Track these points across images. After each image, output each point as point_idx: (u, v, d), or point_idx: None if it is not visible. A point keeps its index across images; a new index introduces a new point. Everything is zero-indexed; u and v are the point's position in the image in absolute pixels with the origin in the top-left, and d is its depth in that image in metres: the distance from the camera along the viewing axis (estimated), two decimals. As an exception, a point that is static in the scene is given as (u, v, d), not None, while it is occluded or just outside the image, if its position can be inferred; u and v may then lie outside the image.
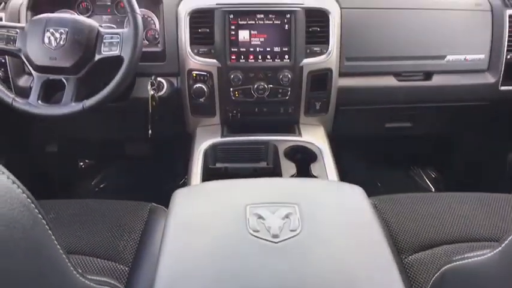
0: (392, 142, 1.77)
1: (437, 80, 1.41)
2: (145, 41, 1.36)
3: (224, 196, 0.82)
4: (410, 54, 1.38)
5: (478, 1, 1.40)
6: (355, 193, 0.83)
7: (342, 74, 1.35)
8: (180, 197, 0.83)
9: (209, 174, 1.21)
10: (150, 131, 1.34)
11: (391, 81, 1.40)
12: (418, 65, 1.40)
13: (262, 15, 1.25)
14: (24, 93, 1.30)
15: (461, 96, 1.45)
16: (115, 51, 1.09)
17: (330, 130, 1.42)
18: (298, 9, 1.25)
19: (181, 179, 1.91)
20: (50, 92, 1.13)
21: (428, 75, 1.41)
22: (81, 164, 1.99)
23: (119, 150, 1.95)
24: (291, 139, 1.29)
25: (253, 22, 1.25)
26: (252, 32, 1.26)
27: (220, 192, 0.84)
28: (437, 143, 1.83)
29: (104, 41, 1.11)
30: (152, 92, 1.30)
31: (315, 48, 1.28)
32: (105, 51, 1.10)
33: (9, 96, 1.08)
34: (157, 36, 1.36)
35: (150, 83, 1.31)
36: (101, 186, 1.94)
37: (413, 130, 1.56)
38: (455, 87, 1.42)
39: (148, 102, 1.30)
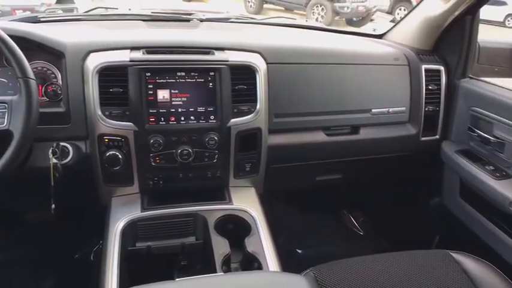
0: (322, 190, 1.74)
1: (364, 133, 1.40)
2: (45, 98, 1.15)
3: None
4: (338, 108, 1.37)
5: (397, 56, 1.44)
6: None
7: (271, 131, 1.28)
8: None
9: (129, 258, 1.04)
10: (53, 205, 1.12)
11: (320, 136, 1.36)
12: (346, 119, 1.39)
13: (183, 73, 1.13)
14: None
15: (387, 148, 1.46)
16: (1, 125, 0.89)
17: (261, 190, 1.32)
18: (223, 66, 1.15)
19: (95, 245, 1.68)
20: None
21: (355, 129, 1.41)
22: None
23: (16, 216, 1.66)
24: (221, 208, 1.16)
25: (174, 80, 1.12)
26: (173, 91, 1.12)
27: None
28: (365, 190, 1.84)
29: None
30: (55, 161, 1.10)
31: (243, 107, 1.19)
32: None
33: None
34: (59, 92, 1.16)
35: (51, 150, 1.10)
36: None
37: (344, 181, 1.54)
38: (381, 140, 1.43)
39: (50, 173, 1.09)
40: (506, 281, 1.01)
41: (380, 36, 1.69)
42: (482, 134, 1.32)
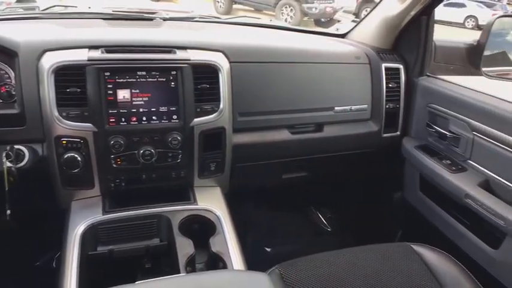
0: (289, 188, 1.76)
1: (328, 131, 1.43)
2: None
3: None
4: (302, 106, 1.38)
5: (358, 55, 1.47)
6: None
7: (235, 130, 1.28)
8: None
9: (90, 263, 1.01)
10: (8, 211, 1.08)
11: (285, 134, 1.37)
12: (310, 117, 1.40)
13: (144, 72, 1.11)
14: None
15: (350, 145, 1.49)
16: None
17: (227, 189, 1.32)
18: (185, 65, 1.14)
19: (57, 252, 1.62)
20: None
21: (319, 127, 1.43)
22: None
23: None
24: (185, 208, 1.15)
25: (134, 80, 1.10)
26: (133, 91, 1.10)
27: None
28: (331, 187, 1.87)
29: None
30: (9, 165, 1.06)
31: (206, 107, 1.18)
32: None
33: None
34: (13, 93, 1.12)
35: (5, 154, 1.06)
36: None
37: (309, 179, 1.56)
38: (344, 137, 1.46)
39: (4, 178, 1.05)
40: (462, 269, 1.06)
41: (343, 36, 1.72)
42: (439, 129, 1.37)
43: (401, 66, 1.49)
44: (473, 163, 1.26)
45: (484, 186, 1.19)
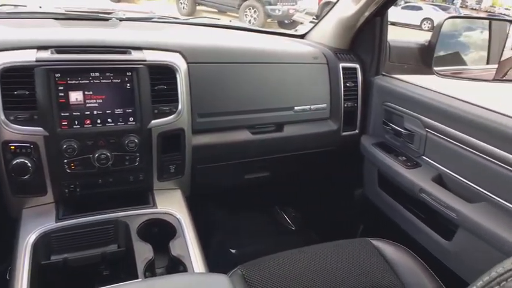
0: (253, 189, 1.76)
1: (288, 131, 1.44)
2: None
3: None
4: (262, 106, 1.39)
5: (316, 55, 1.49)
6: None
7: (195, 132, 1.27)
8: None
9: (43, 273, 0.96)
10: None
11: (245, 135, 1.37)
12: (270, 117, 1.41)
13: (97, 74, 1.07)
14: None
15: (310, 144, 1.51)
16: None
17: (188, 191, 1.30)
18: (140, 66, 1.11)
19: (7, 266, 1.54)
20: None
21: (280, 127, 1.44)
22: None
23: None
24: (144, 212, 1.12)
25: (87, 81, 1.06)
26: (87, 92, 1.06)
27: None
28: (294, 186, 1.89)
29: None
30: (-49, 173, 1.00)
31: (164, 108, 1.16)
32: None
33: None
34: None
35: None
36: None
37: (272, 178, 1.56)
38: (305, 136, 1.48)
39: None
40: (419, 261, 1.10)
41: (302, 36, 1.74)
42: (395, 127, 1.41)
43: (357, 66, 1.52)
44: (427, 159, 1.31)
45: (437, 181, 1.24)
